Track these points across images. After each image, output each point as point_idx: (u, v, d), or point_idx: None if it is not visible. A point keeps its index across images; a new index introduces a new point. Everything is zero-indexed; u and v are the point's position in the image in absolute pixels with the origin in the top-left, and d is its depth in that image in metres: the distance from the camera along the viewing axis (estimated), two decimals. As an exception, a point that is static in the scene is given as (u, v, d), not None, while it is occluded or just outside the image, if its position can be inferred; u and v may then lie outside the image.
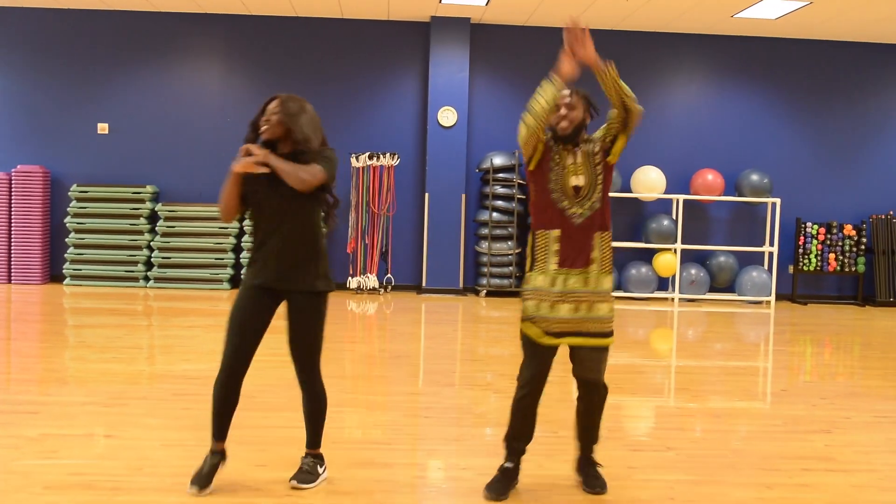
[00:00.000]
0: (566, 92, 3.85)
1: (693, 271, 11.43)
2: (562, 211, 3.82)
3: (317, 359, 3.85)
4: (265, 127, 3.78)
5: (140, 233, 11.17)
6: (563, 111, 3.84)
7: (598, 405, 3.98)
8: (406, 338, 8.26)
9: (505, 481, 3.90)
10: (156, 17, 11.45)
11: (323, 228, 3.83)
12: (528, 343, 3.85)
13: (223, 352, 3.80)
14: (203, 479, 3.78)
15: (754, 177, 11.44)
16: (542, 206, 3.87)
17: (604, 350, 3.88)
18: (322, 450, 4.01)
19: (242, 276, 3.89)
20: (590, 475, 3.95)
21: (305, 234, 3.76)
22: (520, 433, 3.94)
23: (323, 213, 3.84)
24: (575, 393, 3.97)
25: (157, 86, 11.50)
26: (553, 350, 3.84)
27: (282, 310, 3.84)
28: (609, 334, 3.89)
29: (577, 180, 3.82)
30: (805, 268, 11.74)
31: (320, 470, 3.93)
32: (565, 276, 3.80)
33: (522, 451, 3.98)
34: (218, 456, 3.85)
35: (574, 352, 3.86)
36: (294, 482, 3.84)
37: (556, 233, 3.82)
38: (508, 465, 3.95)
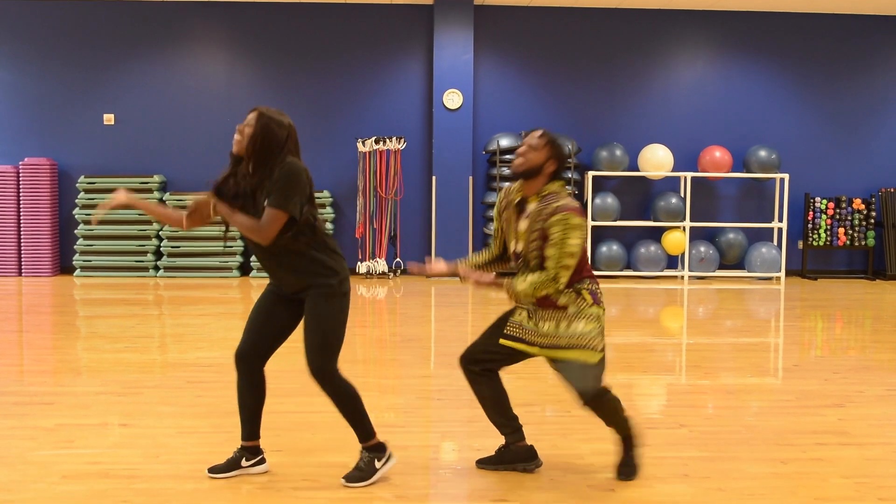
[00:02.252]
0: (536, 133, 3.78)
1: (702, 249, 11.40)
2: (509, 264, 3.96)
3: (321, 357, 3.67)
4: (236, 138, 3.60)
5: (148, 223, 11.19)
6: (522, 149, 3.76)
7: (606, 413, 3.82)
8: (417, 321, 8.28)
9: (495, 457, 4.00)
10: (159, 7, 11.43)
11: (317, 238, 3.66)
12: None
13: (238, 347, 3.80)
14: (220, 468, 3.83)
15: (762, 153, 11.39)
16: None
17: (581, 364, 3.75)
18: (370, 440, 3.87)
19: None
20: (621, 460, 3.91)
21: (299, 262, 3.62)
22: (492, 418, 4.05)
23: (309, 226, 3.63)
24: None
25: (162, 75, 11.50)
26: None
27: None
28: (576, 347, 3.76)
29: (517, 245, 3.84)
30: (814, 243, 11.70)
31: (378, 464, 3.80)
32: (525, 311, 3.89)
33: (509, 430, 3.99)
34: (242, 452, 3.86)
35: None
36: (343, 480, 3.76)
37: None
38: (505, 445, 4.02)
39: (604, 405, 3.75)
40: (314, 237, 3.64)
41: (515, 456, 3.97)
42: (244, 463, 3.87)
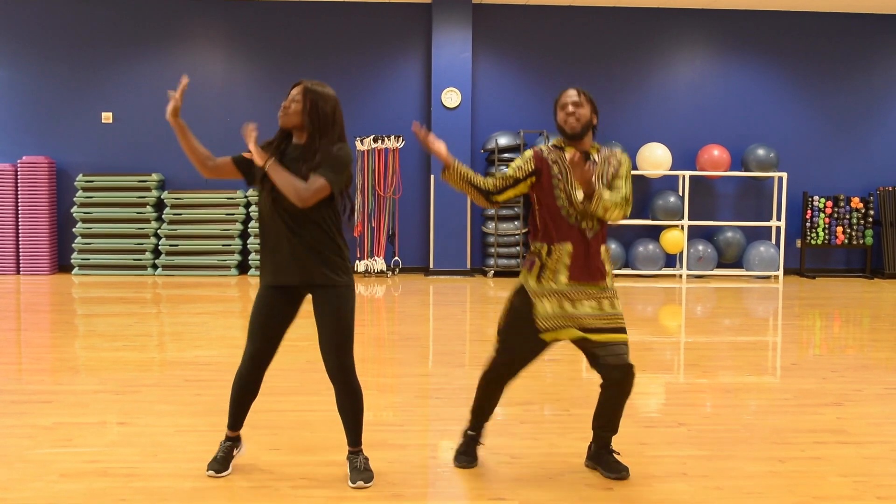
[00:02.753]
0: (572, 91, 3.81)
1: (700, 247, 11.41)
2: (575, 225, 3.76)
3: (346, 354, 3.69)
4: (281, 114, 3.66)
5: (147, 221, 11.19)
6: (570, 108, 3.77)
7: (628, 390, 3.79)
8: (415, 320, 8.27)
9: (473, 448, 4.05)
10: (157, 5, 11.42)
11: (339, 222, 3.71)
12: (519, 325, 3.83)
13: (245, 348, 3.78)
14: (219, 464, 3.81)
15: (760, 151, 11.40)
16: (548, 221, 3.80)
17: (625, 344, 3.78)
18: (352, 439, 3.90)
19: (259, 274, 3.82)
20: (610, 461, 3.91)
21: (317, 236, 3.62)
22: (483, 410, 4.04)
23: (340, 209, 3.72)
24: (585, 372, 3.94)
25: (159, 73, 11.49)
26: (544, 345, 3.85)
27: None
28: (624, 330, 3.78)
29: (586, 189, 3.71)
30: (813, 241, 11.71)
31: (369, 463, 3.85)
32: (578, 287, 3.75)
33: (482, 427, 4.09)
34: (231, 442, 3.87)
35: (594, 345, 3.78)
36: (360, 482, 3.71)
37: (567, 247, 3.76)
38: (470, 433, 4.07)
39: (632, 383, 3.80)
40: (337, 220, 3.69)
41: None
42: (234, 452, 3.91)
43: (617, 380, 3.71)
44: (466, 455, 4.02)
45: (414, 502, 3.59)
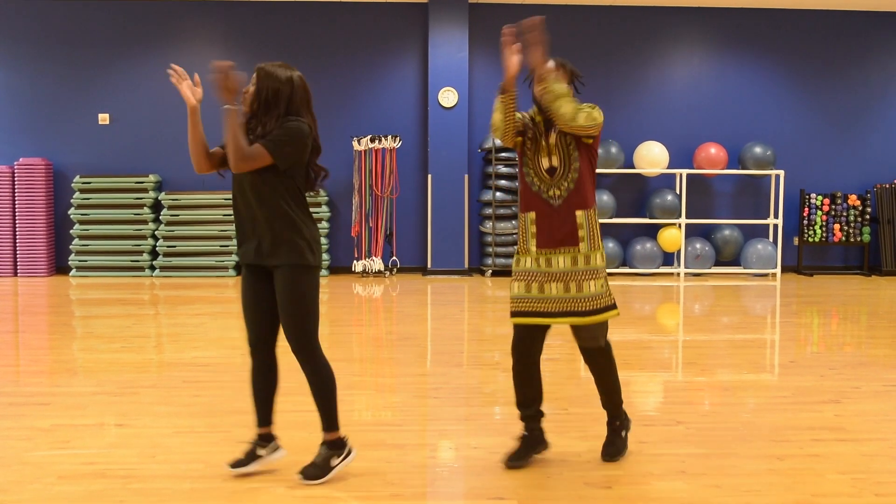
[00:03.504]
0: (550, 64, 3.85)
1: (698, 245, 11.42)
2: (538, 194, 3.83)
3: (306, 335, 3.64)
4: (242, 100, 3.70)
5: (144, 222, 11.18)
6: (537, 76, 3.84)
7: (605, 368, 3.97)
8: (413, 319, 8.27)
9: (521, 449, 3.97)
10: (153, 6, 11.41)
11: (301, 200, 3.67)
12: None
13: (246, 339, 3.81)
14: (239, 460, 3.83)
15: (757, 149, 11.41)
16: (522, 189, 3.92)
17: (600, 326, 3.88)
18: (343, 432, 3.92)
19: None
20: (606, 440, 3.99)
21: (277, 210, 3.59)
22: (521, 399, 4.00)
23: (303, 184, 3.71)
24: (584, 371, 3.95)
25: (156, 74, 11.48)
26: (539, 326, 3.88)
27: None
28: (599, 311, 3.82)
29: (551, 161, 3.83)
30: (810, 239, 11.72)
31: (335, 462, 3.78)
32: (546, 256, 3.80)
33: (533, 418, 4.00)
34: (257, 442, 3.85)
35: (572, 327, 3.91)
36: (299, 476, 3.74)
37: (531, 215, 3.85)
38: (525, 433, 4.00)
39: (609, 356, 3.93)
40: (297, 198, 3.66)
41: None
42: (260, 452, 3.86)
43: (588, 360, 3.93)
44: (511, 455, 3.98)
45: (412, 502, 3.59)
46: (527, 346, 3.91)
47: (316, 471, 3.74)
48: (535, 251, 3.84)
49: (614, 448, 4.00)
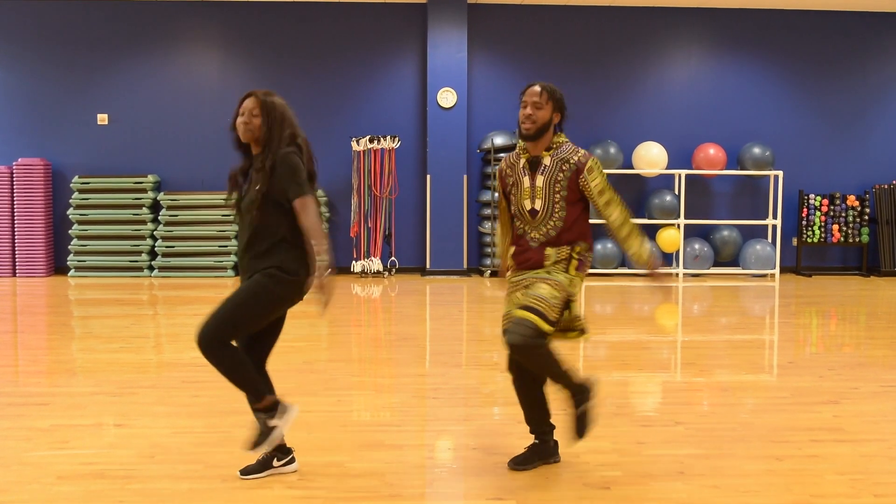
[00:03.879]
0: (536, 89, 3.77)
1: (697, 246, 11.42)
2: (522, 234, 3.84)
3: (214, 321, 3.62)
4: (242, 129, 3.77)
5: (143, 222, 11.17)
6: (528, 110, 3.75)
7: (542, 362, 3.71)
8: (412, 320, 8.27)
9: (528, 455, 3.95)
10: (152, 6, 11.41)
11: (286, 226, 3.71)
12: None
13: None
14: (248, 469, 3.85)
15: (756, 150, 11.41)
16: (512, 226, 3.95)
17: (524, 321, 3.64)
18: (297, 415, 3.88)
19: None
20: (573, 417, 3.90)
21: (262, 234, 3.72)
22: (525, 417, 3.99)
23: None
24: (582, 372, 3.92)
25: (155, 75, 11.47)
26: None
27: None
28: (532, 310, 3.65)
29: (533, 203, 3.79)
30: (809, 240, 11.72)
31: (273, 422, 3.71)
32: (520, 274, 3.85)
33: (544, 431, 3.99)
34: (272, 452, 3.85)
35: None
36: (250, 450, 3.73)
37: (511, 249, 3.89)
38: (535, 441, 4.00)
39: (534, 357, 3.68)
40: (280, 225, 3.73)
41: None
42: (276, 463, 3.85)
43: (520, 362, 3.80)
44: (516, 458, 3.96)
45: (411, 502, 3.59)
46: (515, 362, 3.85)
47: (260, 437, 3.70)
48: (513, 269, 3.88)
49: (580, 423, 3.88)
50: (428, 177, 11.40)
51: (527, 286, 3.77)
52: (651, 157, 11.27)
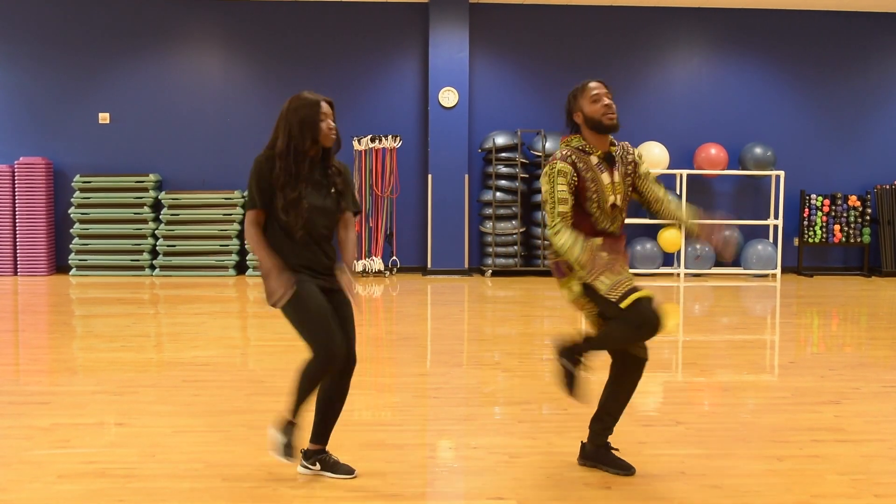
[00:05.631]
0: (602, 83, 3.83)
1: (698, 246, 11.42)
2: (596, 228, 3.74)
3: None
4: (332, 135, 3.67)
5: (144, 222, 11.18)
6: (608, 101, 3.79)
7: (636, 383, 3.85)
8: (413, 319, 8.27)
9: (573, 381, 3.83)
10: (154, 5, 11.41)
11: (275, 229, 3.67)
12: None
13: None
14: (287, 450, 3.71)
15: (758, 150, 11.41)
16: (580, 220, 3.75)
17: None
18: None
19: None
20: (612, 457, 3.88)
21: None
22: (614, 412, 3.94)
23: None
24: (583, 371, 3.89)
25: (157, 74, 11.48)
26: None
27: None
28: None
29: (616, 199, 3.80)
30: (810, 240, 11.72)
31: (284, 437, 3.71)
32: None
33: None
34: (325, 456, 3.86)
35: None
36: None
37: (597, 240, 3.72)
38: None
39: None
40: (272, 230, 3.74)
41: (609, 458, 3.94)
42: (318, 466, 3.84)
43: (636, 371, 3.79)
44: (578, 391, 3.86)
45: (412, 502, 3.59)
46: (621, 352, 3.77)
47: (287, 450, 3.67)
48: (606, 256, 3.71)
49: (625, 461, 3.87)
50: (429, 176, 11.39)
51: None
52: (652, 157, 11.27)
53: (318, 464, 3.81)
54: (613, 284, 3.61)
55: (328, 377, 3.68)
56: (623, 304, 3.54)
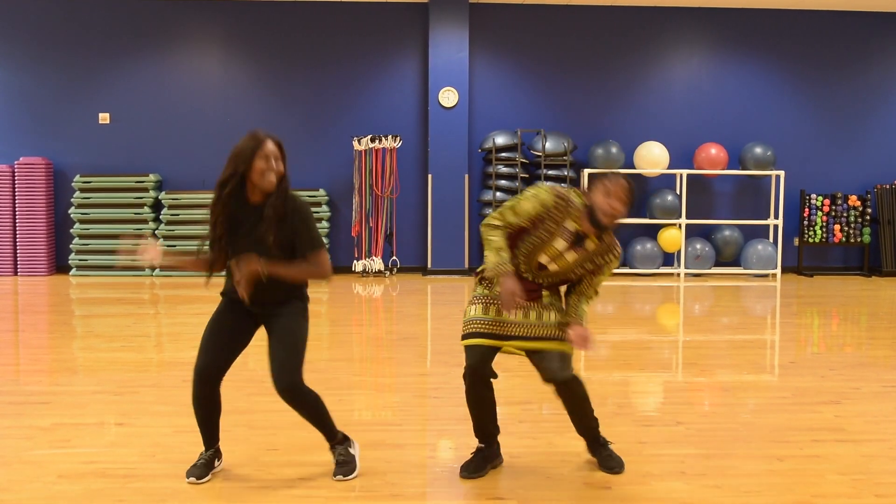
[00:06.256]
0: (625, 185, 3.63)
1: (698, 246, 11.41)
2: (521, 272, 3.78)
3: (298, 375, 3.72)
4: (270, 176, 3.54)
5: (144, 221, 11.18)
6: (616, 204, 3.63)
7: (582, 394, 3.87)
8: (413, 319, 8.27)
9: (479, 461, 3.90)
10: (153, 5, 11.41)
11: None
12: None
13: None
14: (199, 470, 3.77)
15: (758, 150, 11.40)
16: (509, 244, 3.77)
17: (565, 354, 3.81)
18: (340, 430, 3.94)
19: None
20: (604, 456, 3.94)
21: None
22: (484, 423, 3.96)
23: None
24: (583, 371, 3.91)
25: (157, 74, 11.48)
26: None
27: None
28: (563, 339, 3.78)
29: (550, 263, 3.74)
30: (810, 240, 11.72)
31: (353, 450, 3.87)
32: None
33: (493, 435, 3.98)
34: (213, 454, 3.87)
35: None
36: (338, 477, 3.77)
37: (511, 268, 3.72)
38: (482, 446, 3.96)
39: (582, 385, 3.86)
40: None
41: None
42: (217, 464, 3.90)
43: (564, 393, 3.83)
44: (469, 467, 3.92)
45: (412, 502, 3.59)
46: (481, 371, 3.75)
47: (349, 466, 3.80)
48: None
49: (614, 461, 3.94)
50: (429, 176, 11.39)
51: (529, 310, 3.75)
52: (652, 157, 11.27)
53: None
54: (470, 319, 3.78)
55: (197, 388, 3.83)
56: (462, 341, 3.77)
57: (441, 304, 9.18)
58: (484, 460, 3.91)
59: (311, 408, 3.72)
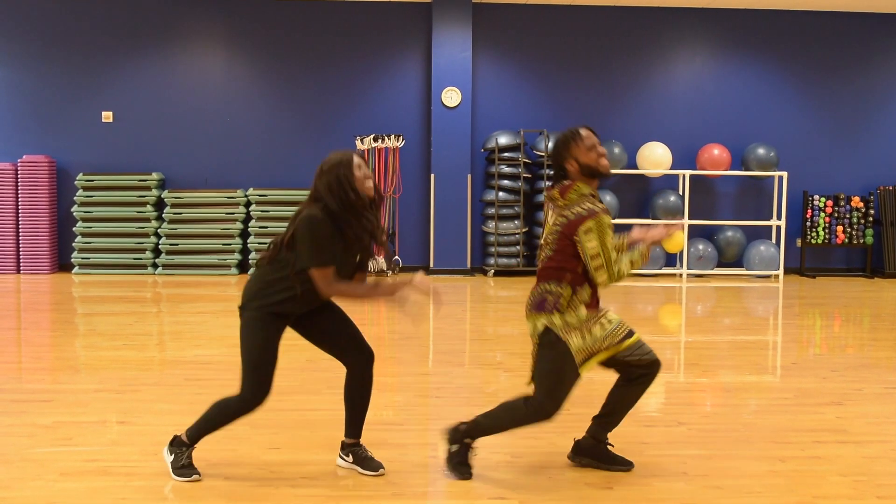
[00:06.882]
0: (591, 132, 3.75)
1: (701, 247, 11.41)
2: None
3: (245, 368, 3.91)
4: (371, 185, 3.78)
5: (147, 220, 11.19)
6: (601, 149, 3.75)
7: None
8: (415, 319, 8.27)
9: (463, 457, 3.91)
10: (157, 4, 11.42)
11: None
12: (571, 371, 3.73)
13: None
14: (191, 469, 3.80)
15: (761, 150, 11.39)
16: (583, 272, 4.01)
17: None
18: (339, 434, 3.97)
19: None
20: (612, 455, 3.94)
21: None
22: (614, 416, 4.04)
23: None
24: (583, 372, 3.89)
25: (160, 72, 11.49)
26: None
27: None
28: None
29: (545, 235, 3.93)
30: (813, 241, 11.71)
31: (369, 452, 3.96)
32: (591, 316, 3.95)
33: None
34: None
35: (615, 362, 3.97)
36: (381, 471, 3.84)
37: (588, 289, 4.02)
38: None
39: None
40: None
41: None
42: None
43: (647, 379, 4.03)
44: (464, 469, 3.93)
45: (414, 501, 3.59)
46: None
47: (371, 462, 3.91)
48: (584, 314, 3.90)
49: (623, 458, 3.98)
50: (432, 176, 11.39)
51: (601, 321, 4.01)
52: (655, 158, 11.26)
53: (350, 456, 3.91)
54: (581, 347, 3.79)
55: (350, 373, 3.96)
56: (580, 369, 3.76)
57: (443, 304, 9.18)
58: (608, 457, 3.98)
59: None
